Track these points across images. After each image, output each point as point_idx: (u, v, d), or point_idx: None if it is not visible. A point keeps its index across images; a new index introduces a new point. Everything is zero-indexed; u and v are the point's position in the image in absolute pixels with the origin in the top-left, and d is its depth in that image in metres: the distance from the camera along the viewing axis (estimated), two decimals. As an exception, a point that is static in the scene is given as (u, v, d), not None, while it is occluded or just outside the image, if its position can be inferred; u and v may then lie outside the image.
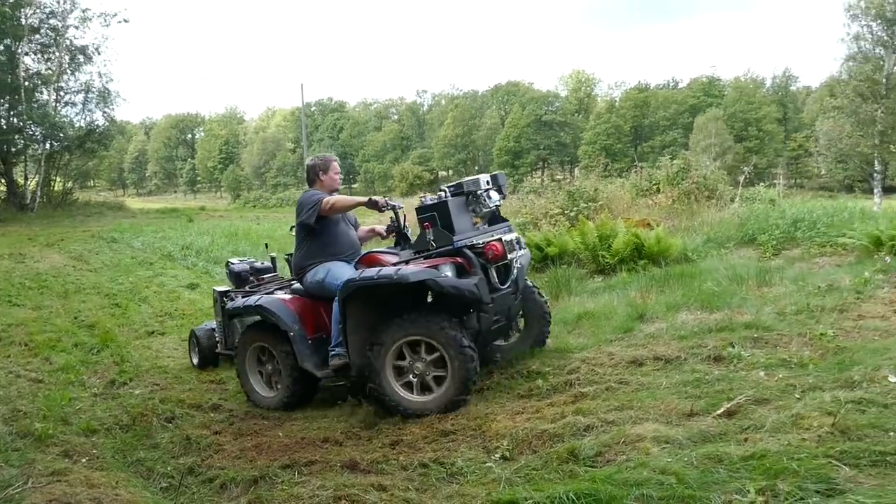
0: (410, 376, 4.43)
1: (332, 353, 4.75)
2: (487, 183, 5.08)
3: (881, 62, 25.73)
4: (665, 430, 3.37)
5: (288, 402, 5.03)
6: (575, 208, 10.65)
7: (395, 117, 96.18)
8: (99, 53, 31.10)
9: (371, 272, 4.47)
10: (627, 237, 8.30)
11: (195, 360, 6.47)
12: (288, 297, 5.20)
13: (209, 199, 75.14)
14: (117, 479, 3.67)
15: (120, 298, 9.72)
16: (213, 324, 6.47)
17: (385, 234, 5.45)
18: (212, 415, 4.93)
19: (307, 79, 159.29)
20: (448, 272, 4.42)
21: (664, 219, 10.49)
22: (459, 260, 4.53)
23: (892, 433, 3.04)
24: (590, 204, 10.78)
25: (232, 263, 6.70)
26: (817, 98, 46.27)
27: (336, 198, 5.06)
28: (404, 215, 5.07)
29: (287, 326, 4.91)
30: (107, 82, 31.85)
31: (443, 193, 4.81)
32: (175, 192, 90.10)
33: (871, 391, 3.56)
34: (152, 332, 7.79)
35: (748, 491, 2.61)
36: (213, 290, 6.49)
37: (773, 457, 2.88)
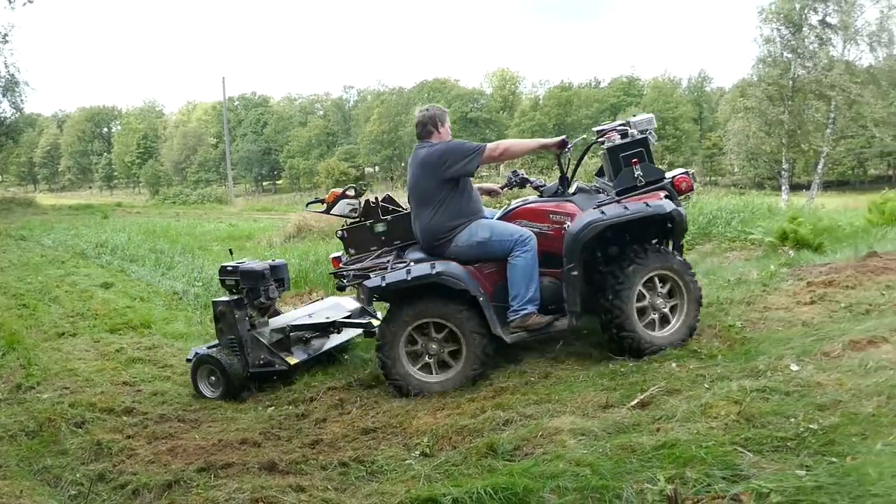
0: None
1: (524, 310, 4.50)
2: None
3: (789, 66, 26.97)
4: (581, 422, 3.45)
5: (473, 377, 4.55)
6: (498, 206, 10.73)
7: (321, 113, 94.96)
8: (5, 41, 29.63)
9: (615, 209, 4.42)
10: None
11: (214, 392, 5.27)
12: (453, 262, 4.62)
13: (127, 196, 72.53)
14: (21, 487, 3.51)
15: (28, 298, 9.28)
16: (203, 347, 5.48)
17: (501, 191, 5.55)
18: (124, 418, 4.77)
19: (229, 72, 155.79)
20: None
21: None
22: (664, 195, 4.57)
23: (792, 419, 3.19)
24: (511, 201, 10.84)
25: (245, 263, 5.60)
26: (730, 99, 48.07)
27: (509, 142, 4.84)
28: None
29: (477, 292, 4.49)
30: (14, 71, 30.37)
31: (619, 133, 4.72)
32: (90, 187, 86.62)
33: (775, 379, 3.73)
34: (63, 334, 7.47)
35: (658, 479, 2.69)
36: (216, 301, 5.46)
37: (683, 445, 2.99)
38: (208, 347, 5.40)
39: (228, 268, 5.54)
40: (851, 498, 2.47)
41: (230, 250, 6.43)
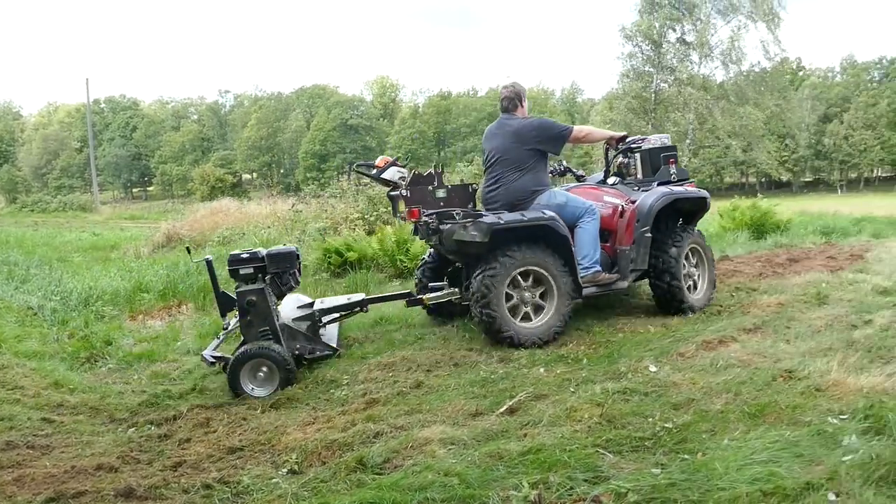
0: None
1: (593, 269, 5.22)
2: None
3: (650, 80, 28.55)
4: (451, 431, 3.46)
5: (561, 329, 5.05)
6: (375, 213, 10.72)
7: (195, 117, 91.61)
8: None
9: (678, 190, 5.63)
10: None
11: (267, 387, 4.71)
12: None
13: (-23, 203, 67.18)
14: None
15: None
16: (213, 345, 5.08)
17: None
18: (-36, 448, 4.37)
19: (94, 73, 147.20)
20: None
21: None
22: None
23: (650, 419, 3.34)
24: (389, 209, 10.88)
25: (268, 249, 5.18)
26: (600, 110, 50.28)
27: (589, 128, 5.66)
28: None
29: (570, 242, 5.15)
30: None
31: (653, 140, 5.91)
32: (-64, 195, 79.67)
33: (635, 381, 3.90)
34: None
35: (523, 485, 2.73)
36: (244, 291, 4.90)
37: (548, 450, 3.06)
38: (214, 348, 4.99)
39: (243, 255, 5.07)
40: (701, 493, 2.60)
41: (188, 248, 6.25)
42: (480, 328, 5.17)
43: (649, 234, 5.41)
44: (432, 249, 6.14)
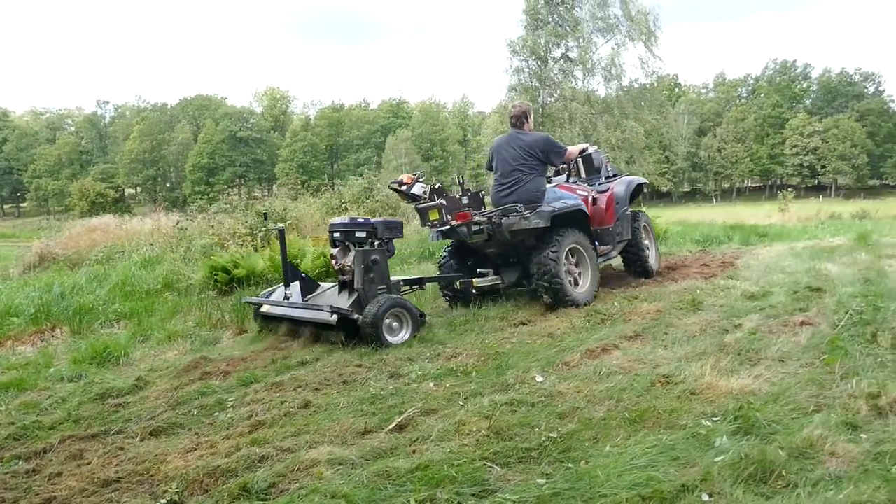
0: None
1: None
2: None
3: (537, 94, 29.41)
4: (339, 451, 3.39)
5: (596, 292, 6.60)
6: (264, 228, 10.48)
7: (72, 129, 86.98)
8: None
9: (635, 179, 7.81)
10: (316, 256, 8.36)
11: (401, 335, 5.53)
12: None
13: None
14: None
15: None
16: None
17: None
18: None
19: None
20: None
21: (353, 237, 10.77)
22: None
23: (536, 429, 3.39)
24: (279, 224, 10.67)
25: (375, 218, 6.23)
26: (490, 123, 51.25)
27: (570, 149, 6.94)
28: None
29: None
30: None
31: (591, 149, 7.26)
32: None
33: (522, 392, 3.96)
34: None
35: (410, 503, 2.71)
36: (367, 251, 5.72)
37: (437, 466, 3.04)
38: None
39: (360, 220, 5.99)
40: (584, 500, 2.66)
41: (265, 214, 6.36)
42: (548, 296, 6.23)
43: (629, 212, 7.35)
44: (450, 248, 7.31)
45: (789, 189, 41.13)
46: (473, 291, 6.76)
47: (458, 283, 6.80)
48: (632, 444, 3.11)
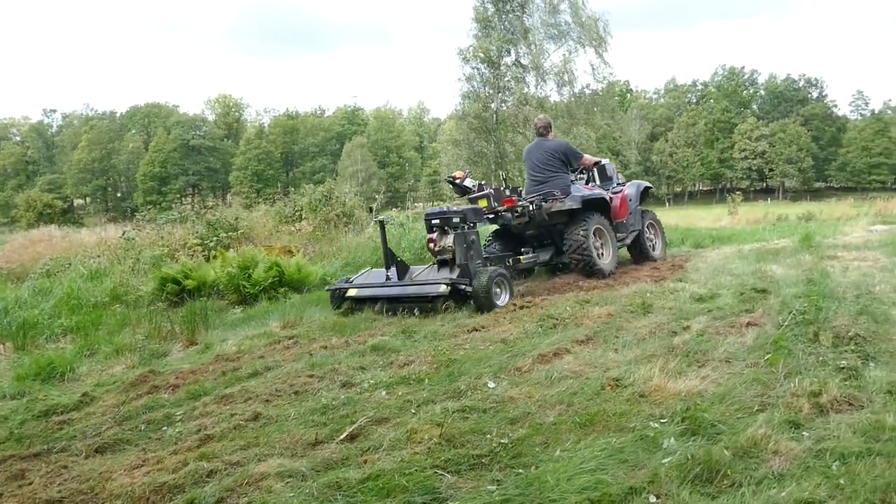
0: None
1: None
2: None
3: (490, 101, 29.58)
4: (290, 463, 3.35)
5: (616, 265, 8.23)
6: (215, 238, 10.31)
7: (17, 138, 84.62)
8: None
9: (641, 183, 9.55)
10: (268, 266, 8.27)
11: (504, 298, 6.80)
12: None
13: None
14: None
15: None
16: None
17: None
18: None
19: None
20: None
21: (306, 245, 10.69)
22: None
23: (488, 436, 3.39)
24: (231, 233, 10.54)
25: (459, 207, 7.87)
26: (446, 130, 51.44)
27: (587, 157, 8.63)
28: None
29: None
30: None
31: (605, 161, 9.11)
32: None
33: (474, 398, 3.95)
34: None
35: (361, 515, 2.69)
36: (467, 232, 6.97)
37: (388, 475, 3.02)
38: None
39: (454, 208, 7.54)
40: (533, 506, 2.66)
41: (370, 208, 6.53)
42: (578, 268, 7.91)
43: (640, 207, 9.13)
44: (494, 234, 8.78)
45: (738, 192, 42.06)
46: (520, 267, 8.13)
47: (508, 261, 7.86)
48: (581, 448, 3.13)
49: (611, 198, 8.62)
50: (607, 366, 4.35)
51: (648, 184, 9.73)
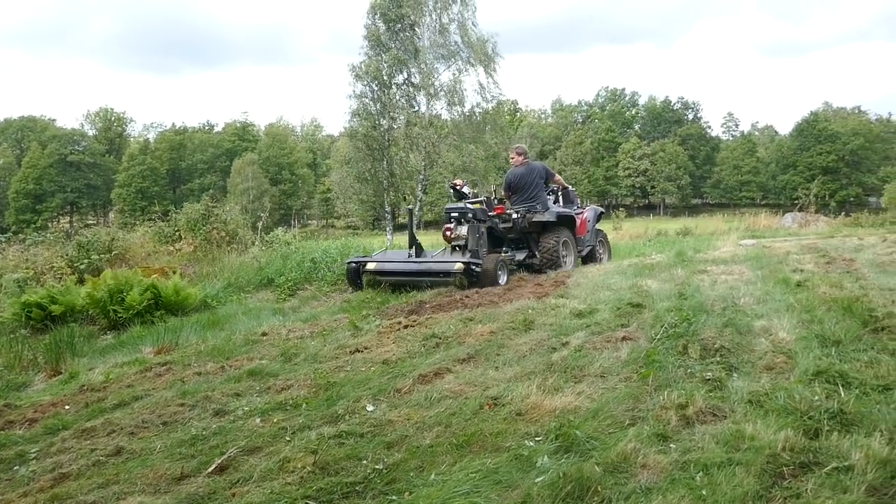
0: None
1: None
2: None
3: (380, 119, 29.56)
4: (151, 500, 3.15)
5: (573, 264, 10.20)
6: (86, 260, 9.72)
7: None
8: None
9: (596, 208, 12.03)
10: (144, 288, 7.86)
11: (506, 277, 8.92)
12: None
13: None
14: None
15: None
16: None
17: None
18: None
19: None
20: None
21: (186, 266, 10.26)
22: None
23: (364, 461, 3.30)
24: (103, 255, 9.96)
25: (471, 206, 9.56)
26: (338, 147, 51.11)
27: (557, 176, 10.81)
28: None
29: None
30: None
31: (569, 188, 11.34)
32: None
33: (352, 422, 3.86)
34: None
35: (221, 554, 2.54)
36: (477, 226, 9.26)
37: (256, 508, 2.89)
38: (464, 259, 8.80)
39: (469, 206, 9.40)
40: (405, 534, 2.60)
41: (404, 197, 8.55)
42: (548, 266, 9.66)
43: (598, 228, 11.37)
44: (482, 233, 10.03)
45: (621, 209, 43.77)
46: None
47: None
48: (456, 471, 3.10)
49: (577, 216, 10.76)
50: (487, 384, 4.34)
51: (602, 209, 12.14)
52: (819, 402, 3.51)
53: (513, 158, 10.53)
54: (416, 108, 30.06)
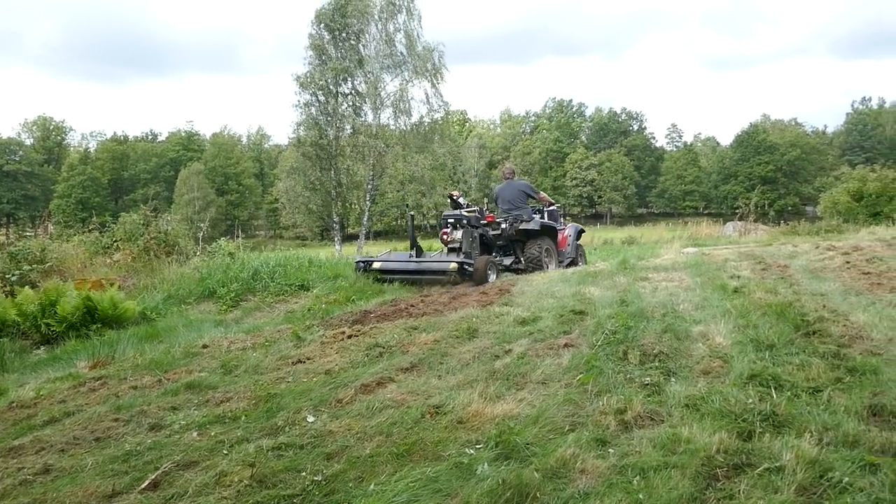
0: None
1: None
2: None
3: (326, 129, 29.38)
4: (80, 520, 3.04)
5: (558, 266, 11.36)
6: (17, 272, 9.38)
7: None
8: None
9: (577, 224, 13.51)
10: (78, 301, 7.61)
11: (495, 276, 9.97)
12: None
13: None
14: None
15: None
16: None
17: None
18: None
19: None
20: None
21: (125, 278, 9.99)
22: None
23: (302, 473, 3.25)
24: (35, 266, 9.62)
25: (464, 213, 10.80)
26: (286, 157, 50.52)
27: (542, 194, 12.19)
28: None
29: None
30: None
31: (554, 205, 12.89)
32: None
33: (292, 434, 3.79)
34: None
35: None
36: (471, 230, 10.38)
37: (189, 525, 2.81)
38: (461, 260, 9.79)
39: (465, 213, 10.58)
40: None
41: (407, 204, 9.87)
42: (530, 269, 10.67)
43: (578, 243, 12.63)
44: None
45: (568, 218, 44.34)
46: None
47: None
48: (396, 480, 3.08)
49: (559, 231, 12.10)
50: (430, 393, 4.33)
51: (583, 228, 13.45)
52: (753, 405, 3.59)
53: (503, 177, 12.38)
54: (363, 117, 29.97)
